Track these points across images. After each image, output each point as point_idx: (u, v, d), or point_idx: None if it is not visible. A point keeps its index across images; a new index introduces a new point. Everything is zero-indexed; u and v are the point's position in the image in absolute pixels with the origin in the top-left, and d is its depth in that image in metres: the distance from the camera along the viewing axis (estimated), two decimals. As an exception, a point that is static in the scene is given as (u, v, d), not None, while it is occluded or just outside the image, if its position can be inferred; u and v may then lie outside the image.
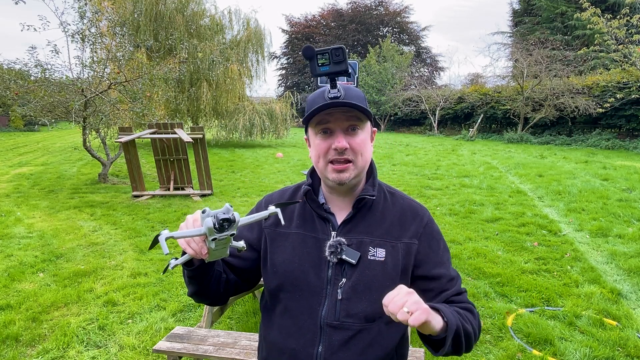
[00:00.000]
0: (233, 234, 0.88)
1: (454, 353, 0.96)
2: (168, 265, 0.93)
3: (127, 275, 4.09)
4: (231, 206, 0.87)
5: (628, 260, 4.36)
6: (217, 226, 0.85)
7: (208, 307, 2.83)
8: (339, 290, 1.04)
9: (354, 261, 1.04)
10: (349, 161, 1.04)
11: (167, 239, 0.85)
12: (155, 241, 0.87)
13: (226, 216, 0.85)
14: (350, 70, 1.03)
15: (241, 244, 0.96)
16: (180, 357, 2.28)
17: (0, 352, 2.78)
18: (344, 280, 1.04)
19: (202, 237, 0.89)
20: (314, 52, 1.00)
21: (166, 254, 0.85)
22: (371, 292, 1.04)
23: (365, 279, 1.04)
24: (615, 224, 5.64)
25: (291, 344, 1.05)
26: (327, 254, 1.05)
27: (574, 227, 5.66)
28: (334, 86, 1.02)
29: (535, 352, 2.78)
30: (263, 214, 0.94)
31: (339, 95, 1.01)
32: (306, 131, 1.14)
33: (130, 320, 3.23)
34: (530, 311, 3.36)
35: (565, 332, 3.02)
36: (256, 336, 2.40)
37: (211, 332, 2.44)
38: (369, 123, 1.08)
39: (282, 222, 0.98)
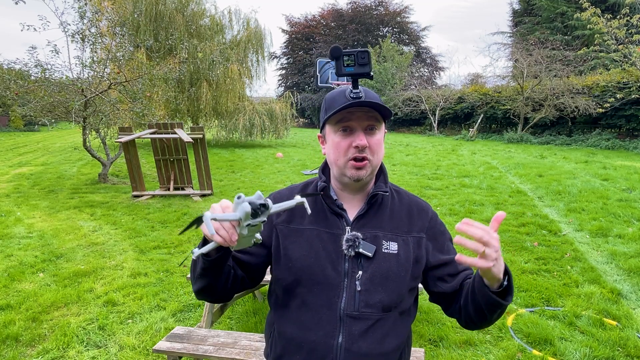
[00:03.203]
0: (264, 221, 0.89)
1: (503, 308, 1.03)
2: (191, 253, 0.93)
3: (127, 275, 4.09)
4: (262, 193, 0.88)
5: (628, 260, 4.36)
6: (253, 212, 0.85)
7: (208, 307, 2.83)
8: (357, 282, 1.08)
9: (370, 254, 1.09)
10: (366, 159, 1.08)
11: (211, 219, 0.85)
12: (195, 222, 0.87)
13: (263, 202, 0.86)
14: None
15: (259, 235, 0.97)
16: (180, 357, 2.28)
17: (0, 352, 2.78)
18: (360, 272, 1.09)
19: (234, 224, 0.90)
20: (341, 53, 1.05)
21: (212, 235, 0.87)
22: (388, 283, 1.09)
23: (381, 271, 1.09)
24: (615, 224, 5.63)
25: (310, 336, 1.08)
26: (344, 247, 1.09)
27: (574, 227, 5.66)
28: (356, 86, 1.06)
29: (535, 352, 2.78)
30: (291, 203, 0.95)
31: (361, 95, 1.05)
32: (321, 129, 1.18)
33: (130, 320, 3.23)
34: (530, 311, 3.36)
35: (565, 332, 3.03)
36: (256, 336, 2.40)
37: (211, 332, 2.45)
38: (383, 124, 1.13)
39: (309, 212, 0.99)
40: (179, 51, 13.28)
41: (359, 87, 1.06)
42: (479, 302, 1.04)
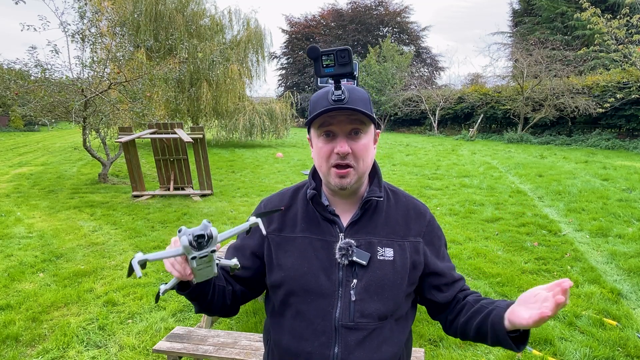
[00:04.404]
0: (214, 251, 0.86)
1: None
2: (159, 292, 0.91)
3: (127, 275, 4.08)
4: (209, 222, 0.84)
5: (628, 260, 4.36)
6: (194, 244, 0.82)
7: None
8: (351, 292, 1.04)
9: (364, 262, 1.04)
10: (350, 166, 1.03)
11: (140, 262, 0.81)
12: (131, 266, 0.83)
13: (201, 232, 0.82)
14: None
15: (234, 261, 0.94)
16: (180, 357, 2.28)
17: (0, 352, 2.78)
18: (355, 281, 1.04)
19: (183, 258, 0.86)
20: (319, 53, 0.98)
21: (139, 277, 0.82)
22: (383, 291, 1.05)
23: (376, 279, 1.05)
24: (615, 224, 5.63)
25: (306, 347, 1.04)
26: (337, 256, 1.05)
27: (574, 227, 5.66)
28: (338, 88, 1.00)
29: (535, 352, 2.78)
30: (243, 226, 0.92)
31: (342, 97, 0.99)
32: (309, 131, 1.13)
33: (130, 320, 3.23)
34: (530, 311, 3.36)
35: (565, 332, 3.03)
36: (256, 336, 2.40)
37: (211, 332, 2.45)
38: (372, 126, 1.07)
39: (264, 233, 0.98)
40: (179, 51, 13.28)
41: (342, 87, 1.00)
42: (486, 334, 1.02)
